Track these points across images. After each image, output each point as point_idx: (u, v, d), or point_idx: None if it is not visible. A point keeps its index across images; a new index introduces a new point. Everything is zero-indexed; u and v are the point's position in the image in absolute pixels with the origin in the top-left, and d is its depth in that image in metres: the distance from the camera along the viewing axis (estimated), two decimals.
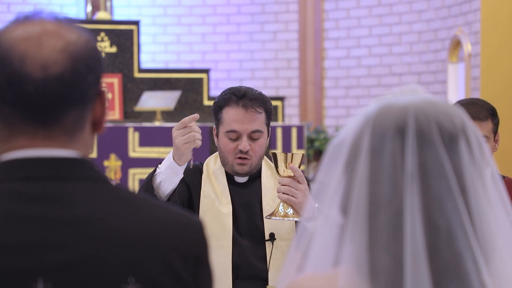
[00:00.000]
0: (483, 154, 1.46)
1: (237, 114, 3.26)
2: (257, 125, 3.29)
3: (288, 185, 3.11)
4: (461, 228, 1.42)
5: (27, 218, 1.41)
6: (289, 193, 3.11)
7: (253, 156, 3.28)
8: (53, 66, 1.43)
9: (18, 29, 1.46)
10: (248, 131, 3.27)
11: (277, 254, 3.24)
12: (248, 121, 3.27)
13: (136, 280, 1.41)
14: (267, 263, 3.24)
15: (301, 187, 3.12)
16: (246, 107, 3.26)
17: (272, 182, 3.36)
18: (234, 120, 3.27)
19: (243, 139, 3.26)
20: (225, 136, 3.29)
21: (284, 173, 3.13)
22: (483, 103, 3.68)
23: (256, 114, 3.27)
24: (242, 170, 3.29)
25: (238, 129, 3.26)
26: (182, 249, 1.46)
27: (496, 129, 3.65)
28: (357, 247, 1.42)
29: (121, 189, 1.49)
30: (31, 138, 1.45)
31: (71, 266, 1.39)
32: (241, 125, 3.26)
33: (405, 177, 1.42)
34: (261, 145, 3.31)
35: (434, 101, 1.48)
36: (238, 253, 3.23)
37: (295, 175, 3.12)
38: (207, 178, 3.34)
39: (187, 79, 9.40)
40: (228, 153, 3.29)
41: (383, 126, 1.45)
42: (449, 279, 1.40)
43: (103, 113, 1.51)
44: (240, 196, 3.30)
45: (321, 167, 1.53)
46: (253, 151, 3.28)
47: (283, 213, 3.11)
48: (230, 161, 3.29)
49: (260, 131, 3.30)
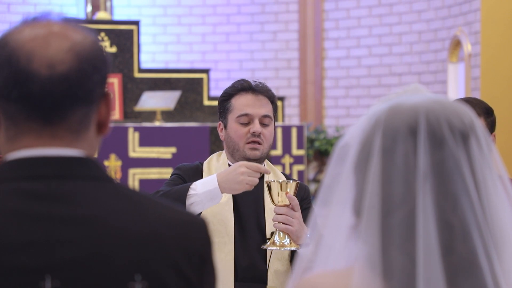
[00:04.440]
0: (491, 151, 1.48)
1: (248, 99, 3.33)
2: (268, 110, 3.35)
3: (284, 214, 3.12)
4: (476, 225, 1.43)
5: (34, 217, 1.42)
6: (286, 222, 3.12)
7: (264, 141, 3.31)
8: (60, 64, 1.45)
9: (26, 30, 1.47)
10: (260, 115, 3.32)
11: (277, 253, 3.24)
12: (259, 105, 3.33)
13: (142, 278, 1.43)
14: (267, 263, 3.24)
15: (296, 215, 3.13)
16: (256, 94, 3.34)
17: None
18: (246, 105, 3.33)
19: (255, 122, 3.31)
20: (236, 122, 3.33)
21: (280, 202, 3.13)
22: (478, 102, 3.67)
23: (266, 99, 3.36)
24: (254, 156, 3.30)
25: (250, 112, 3.32)
26: (187, 247, 1.48)
27: (491, 128, 3.63)
28: (371, 247, 1.43)
29: (126, 188, 1.51)
30: (36, 137, 1.47)
31: (78, 263, 1.41)
32: (253, 108, 3.32)
33: (417, 176, 1.44)
34: (271, 132, 3.36)
35: (442, 100, 1.49)
36: (241, 254, 3.22)
37: (291, 203, 3.13)
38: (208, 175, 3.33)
39: (187, 79, 9.40)
40: (240, 138, 3.31)
41: (394, 127, 1.46)
42: (463, 277, 1.41)
43: (108, 114, 1.52)
44: (242, 195, 3.30)
45: (329, 168, 1.54)
46: (264, 136, 3.32)
47: (280, 243, 3.13)
48: (242, 147, 3.31)
49: (270, 116, 3.36)
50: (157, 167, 8.22)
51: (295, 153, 8.69)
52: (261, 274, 3.24)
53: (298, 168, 8.69)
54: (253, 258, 3.25)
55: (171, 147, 8.24)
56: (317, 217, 1.56)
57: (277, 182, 3.14)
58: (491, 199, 1.46)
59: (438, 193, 1.43)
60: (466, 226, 1.43)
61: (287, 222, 3.12)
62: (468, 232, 1.43)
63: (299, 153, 8.70)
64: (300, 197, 3.30)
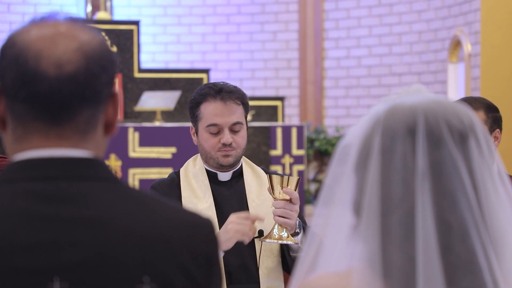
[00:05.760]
0: (491, 152, 1.48)
1: (216, 107, 3.23)
2: (237, 117, 3.26)
3: (283, 207, 3.11)
4: (474, 225, 1.44)
5: (42, 218, 1.42)
6: (285, 215, 3.11)
7: (237, 147, 3.26)
8: (67, 64, 1.45)
9: (33, 30, 1.47)
10: (229, 124, 3.24)
11: (267, 251, 3.24)
12: (228, 113, 3.24)
13: (151, 279, 1.43)
14: (257, 262, 3.23)
15: (295, 208, 3.13)
16: (225, 100, 3.23)
17: (255, 180, 3.35)
18: (214, 114, 3.23)
19: (225, 132, 3.23)
20: (206, 131, 3.25)
21: (280, 195, 3.13)
22: (478, 98, 3.68)
23: (235, 105, 3.25)
24: (227, 162, 3.26)
25: (219, 122, 3.23)
26: (194, 249, 1.48)
27: (493, 125, 3.63)
28: (370, 246, 1.44)
29: (132, 190, 1.51)
30: (44, 137, 1.47)
31: (87, 265, 1.41)
32: (222, 118, 3.23)
33: (416, 176, 1.44)
34: (243, 136, 3.29)
35: (442, 100, 1.50)
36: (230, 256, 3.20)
37: (291, 198, 3.12)
38: (187, 184, 3.30)
39: (187, 79, 9.41)
40: (211, 148, 3.25)
41: (393, 127, 1.47)
42: (462, 276, 1.42)
43: (115, 114, 1.52)
44: (225, 196, 3.29)
45: (330, 168, 1.54)
46: (236, 143, 3.25)
47: (278, 236, 3.13)
48: (214, 155, 3.26)
49: (240, 122, 3.27)
50: (157, 167, 8.22)
51: (295, 153, 8.69)
52: (252, 273, 3.23)
53: (298, 168, 8.69)
54: (243, 259, 3.23)
55: (171, 147, 8.25)
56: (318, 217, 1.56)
57: (277, 176, 3.15)
58: (490, 199, 1.46)
59: (437, 193, 1.44)
60: (464, 225, 1.43)
61: (286, 215, 3.11)
62: (466, 231, 1.43)
63: (299, 153, 8.70)
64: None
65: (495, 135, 3.64)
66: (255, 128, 8.64)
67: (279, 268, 3.25)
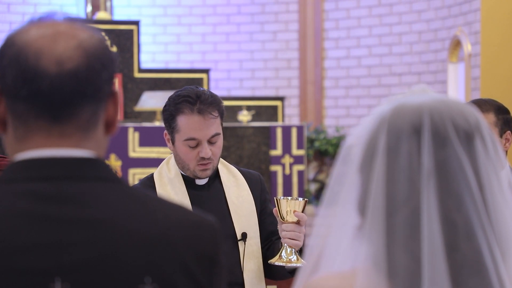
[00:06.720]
0: (497, 152, 1.48)
1: (194, 122, 3.18)
2: (215, 128, 3.21)
3: (293, 230, 3.13)
4: (480, 224, 1.43)
5: (43, 218, 1.41)
6: (294, 237, 3.13)
7: (214, 159, 3.24)
8: (68, 61, 1.45)
9: (32, 29, 1.48)
10: (207, 137, 3.20)
11: (249, 253, 3.25)
12: (206, 127, 3.19)
13: (152, 280, 1.42)
14: (241, 265, 3.24)
15: (303, 230, 3.16)
16: (203, 113, 3.18)
17: (231, 179, 3.34)
18: (192, 128, 3.18)
19: (204, 146, 3.20)
20: (184, 144, 3.22)
21: (288, 218, 3.16)
22: (488, 100, 3.68)
23: (212, 118, 3.20)
24: (205, 175, 3.25)
25: (197, 136, 3.19)
26: (196, 249, 1.47)
27: (504, 127, 3.63)
28: (375, 246, 1.43)
29: (134, 190, 1.50)
30: (46, 136, 1.46)
31: (88, 265, 1.40)
32: (200, 132, 3.18)
33: (421, 175, 1.44)
34: (220, 146, 3.26)
35: (447, 100, 1.50)
36: None
37: (300, 221, 3.14)
38: (162, 190, 3.29)
39: (187, 79, 9.41)
40: (190, 161, 3.23)
41: (399, 126, 1.47)
42: (468, 276, 1.42)
43: (116, 113, 1.52)
44: (204, 199, 3.28)
45: (334, 168, 1.54)
46: (214, 154, 3.23)
47: (286, 259, 3.15)
48: (192, 167, 3.23)
49: (218, 133, 3.23)
50: (157, 167, 8.21)
51: (295, 153, 8.69)
52: (236, 275, 3.24)
53: (298, 168, 8.69)
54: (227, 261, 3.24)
55: None
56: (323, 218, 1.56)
57: (285, 200, 3.16)
58: (496, 199, 1.46)
59: (442, 192, 1.44)
60: (470, 225, 1.43)
61: (296, 238, 3.14)
62: (472, 230, 1.43)
63: (299, 153, 8.70)
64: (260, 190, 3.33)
65: (506, 137, 3.64)
66: (255, 128, 8.64)
67: (262, 271, 3.27)
